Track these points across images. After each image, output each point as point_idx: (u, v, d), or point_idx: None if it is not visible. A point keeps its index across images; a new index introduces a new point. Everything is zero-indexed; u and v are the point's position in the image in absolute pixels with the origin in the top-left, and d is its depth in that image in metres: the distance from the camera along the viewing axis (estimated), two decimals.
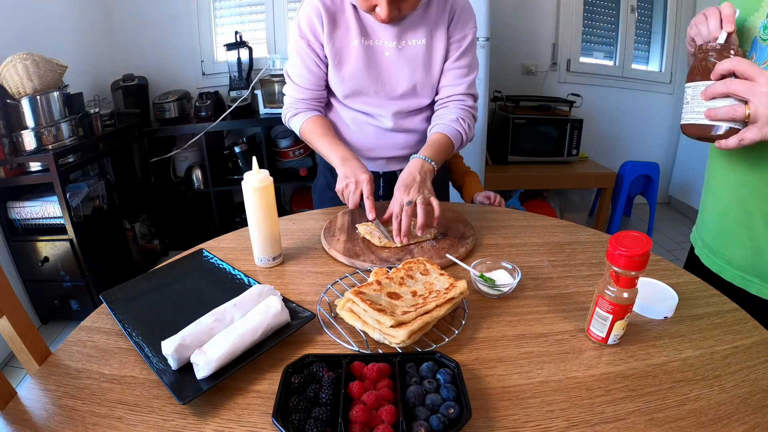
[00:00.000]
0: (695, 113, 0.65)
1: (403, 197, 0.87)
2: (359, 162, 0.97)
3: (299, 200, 2.89)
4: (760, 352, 0.59)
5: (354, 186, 0.93)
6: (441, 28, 1.01)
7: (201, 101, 2.43)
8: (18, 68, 1.68)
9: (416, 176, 0.90)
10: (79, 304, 2.01)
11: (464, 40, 1.03)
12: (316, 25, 1.00)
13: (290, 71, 1.09)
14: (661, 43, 3.00)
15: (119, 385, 0.56)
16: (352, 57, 1.01)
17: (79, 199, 1.94)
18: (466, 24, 1.03)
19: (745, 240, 0.74)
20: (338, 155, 0.99)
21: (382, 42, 1.01)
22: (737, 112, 0.59)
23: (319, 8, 0.98)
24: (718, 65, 0.61)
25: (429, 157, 0.94)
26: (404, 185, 0.89)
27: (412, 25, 1.00)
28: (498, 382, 0.55)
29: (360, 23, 1.00)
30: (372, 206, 0.91)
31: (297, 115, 1.09)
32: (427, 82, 1.04)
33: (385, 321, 0.58)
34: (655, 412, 0.50)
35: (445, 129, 1.02)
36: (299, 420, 0.46)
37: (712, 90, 0.62)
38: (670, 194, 3.37)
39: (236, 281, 0.77)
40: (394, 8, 0.89)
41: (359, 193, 0.93)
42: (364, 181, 0.92)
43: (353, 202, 0.93)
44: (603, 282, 0.59)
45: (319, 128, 1.06)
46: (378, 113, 1.07)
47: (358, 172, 0.94)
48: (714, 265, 0.81)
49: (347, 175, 0.95)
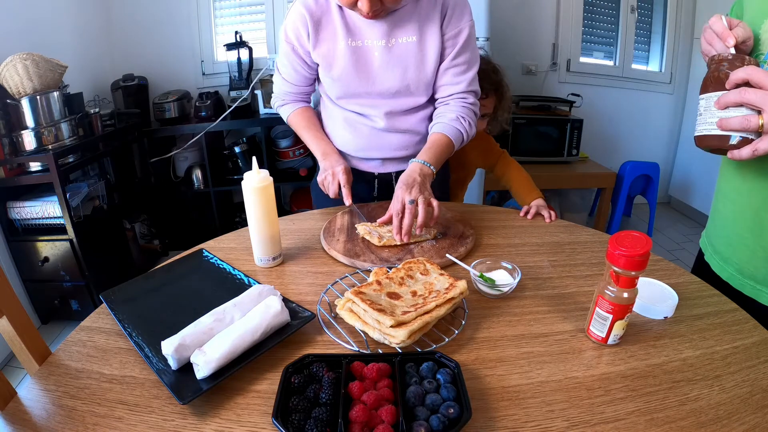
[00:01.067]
0: (708, 124, 0.63)
1: (405, 195, 0.88)
2: (338, 155, 1.07)
3: (299, 200, 2.89)
4: (760, 352, 0.59)
5: (332, 177, 1.02)
6: (433, 23, 0.98)
7: (201, 101, 2.43)
8: (18, 68, 1.68)
9: (416, 177, 0.92)
10: (79, 304, 2.01)
11: (459, 36, 1.00)
12: (302, 33, 1.01)
13: (279, 65, 1.13)
14: (661, 43, 3.00)
15: (119, 385, 0.56)
16: (339, 59, 1.01)
17: (79, 199, 1.94)
18: (460, 18, 0.99)
19: (757, 248, 0.72)
20: (319, 149, 1.09)
21: (371, 42, 1.00)
22: (750, 122, 0.58)
23: (304, 16, 0.99)
24: (732, 74, 0.59)
25: (428, 161, 0.96)
26: (406, 184, 0.90)
27: (402, 22, 0.98)
28: (498, 382, 0.55)
29: (346, 24, 0.99)
30: (348, 193, 1.00)
31: (285, 105, 1.17)
32: (421, 80, 1.02)
33: (385, 321, 0.58)
34: (655, 412, 0.50)
35: (445, 129, 1.02)
36: (299, 420, 0.46)
37: (725, 99, 0.60)
38: (670, 194, 3.36)
39: (236, 281, 0.77)
40: (376, 2, 0.88)
41: (337, 183, 1.01)
42: (339, 172, 1.01)
43: (332, 191, 1.02)
44: (603, 282, 0.59)
45: (303, 120, 1.14)
46: (371, 113, 1.06)
47: (335, 164, 1.03)
48: (724, 273, 0.80)
49: (326, 167, 1.04)
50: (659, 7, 2.94)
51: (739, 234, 0.76)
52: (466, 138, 1.06)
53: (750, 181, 0.73)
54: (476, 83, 1.06)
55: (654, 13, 2.98)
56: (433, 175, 0.95)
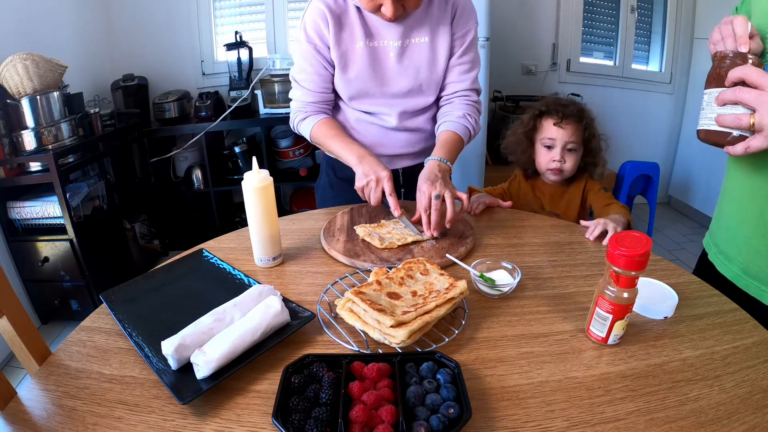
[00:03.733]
0: (708, 119, 0.66)
1: (431, 190, 0.87)
2: (376, 158, 0.97)
3: (299, 200, 2.89)
4: (760, 352, 0.59)
5: (375, 183, 0.93)
6: (444, 25, 1.02)
7: (201, 101, 2.42)
8: (18, 68, 1.68)
9: (437, 174, 0.91)
10: (79, 304, 2.01)
11: (467, 36, 1.04)
12: (323, 29, 1.00)
13: (298, 76, 1.08)
14: (661, 43, 3.00)
15: (119, 385, 0.56)
16: (357, 59, 1.02)
17: (79, 199, 1.94)
18: (468, 20, 1.04)
19: (762, 248, 0.73)
20: (354, 154, 0.99)
21: (387, 42, 1.01)
22: (742, 120, 0.60)
23: (324, 12, 0.98)
24: (730, 73, 0.61)
25: (444, 158, 0.96)
26: (429, 180, 0.89)
27: (415, 24, 1.01)
28: (498, 382, 0.55)
29: (364, 24, 1.00)
30: (396, 203, 0.92)
31: (306, 118, 1.09)
32: (432, 80, 1.05)
33: (385, 321, 0.58)
34: (655, 412, 0.50)
35: (454, 126, 1.03)
36: (299, 420, 0.46)
37: (722, 97, 0.62)
38: (670, 194, 3.36)
39: (236, 281, 0.77)
40: (399, 6, 0.90)
41: (380, 191, 0.93)
42: (384, 178, 0.92)
43: (375, 199, 0.93)
44: (603, 282, 0.59)
45: (330, 129, 1.06)
46: (383, 112, 1.07)
47: (377, 168, 0.94)
48: (729, 272, 0.80)
49: (366, 173, 0.94)
50: (659, 7, 2.94)
51: (744, 234, 0.76)
52: (473, 134, 1.08)
53: (755, 181, 0.73)
54: (478, 83, 1.10)
55: (654, 13, 2.97)
56: (450, 171, 0.97)
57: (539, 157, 1.20)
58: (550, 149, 1.17)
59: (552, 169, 1.17)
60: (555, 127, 1.15)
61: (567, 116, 1.15)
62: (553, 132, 1.16)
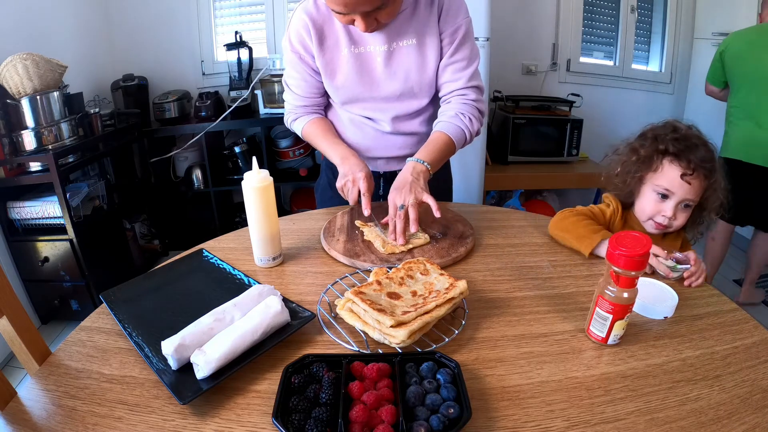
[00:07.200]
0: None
1: (396, 200, 0.90)
2: (358, 159, 1.00)
3: (299, 200, 2.88)
4: (760, 352, 0.59)
5: (352, 183, 0.96)
6: (431, 25, 0.99)
7: (201, 101, 2.42)
8: (18, 68, 1.68)
9: (408, 178, 0.92)
10: (79, 304, 2.01)
11: (457, 33, 1.00)
12: (306, 39, 1.01)
13: (288, 81, 1.11)
14: (661, 43, 3.00)
15: (119, 385, 0.56)
16: (343, 66, 1.02)
17: (79, 199, 1.94)
18: (456, 16, 1.00)
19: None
20: (338, 154, 1.02)
21: (373, 47, 1.00)
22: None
23: (306, 22, 0.99)
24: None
25: (422, 159, 0.96)
26: (396, 189, 0.91)
27: (401, 27, 0.99)
28: (498, 382, 0.55)
29: (348, 32, 1.00)
30: (368, 203, 0.93)
31: (298, 119, 1.13)
32: (423, 83, 1.03)
33: (385, 321, 0.58)
34: (655, 412, 0.50)
35: (444, 127, 1.02)
36: (299, 420, 0.46)
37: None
38: None
39: (236, 281, 0.77)
40: (371, 21, 0.89)
41: (357, 190, 0.95)
42: (360, 179, 0.95)
43: (352, 198, 0.96)
44: (603, 282, 0.59)
45: (319, 129, 1.10)
46: (377, 117, 1.07)
47: (355, 169, 0.97)
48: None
49: (345, 173, 0.98)
50: (659, 7, 2.94)
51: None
52: (469, 134, 1.04)
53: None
54: (477, 79, 1.06)
55: (654, 13, 2.97)
56: (427, 171, 0.95)
57: (645, 202, 0.93)
58: (663, 199, 0.91)
59: (658, 223, 0.92)
60: (679, 179, 0.87)
61: (698, 168, 0.86)
62: (675, 184, 0.88)
